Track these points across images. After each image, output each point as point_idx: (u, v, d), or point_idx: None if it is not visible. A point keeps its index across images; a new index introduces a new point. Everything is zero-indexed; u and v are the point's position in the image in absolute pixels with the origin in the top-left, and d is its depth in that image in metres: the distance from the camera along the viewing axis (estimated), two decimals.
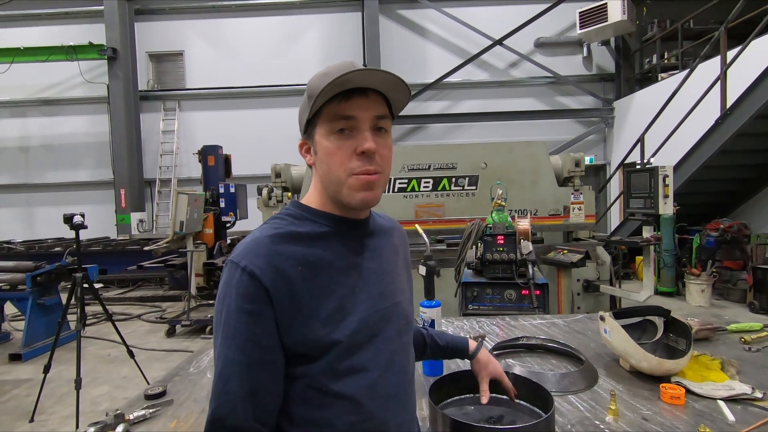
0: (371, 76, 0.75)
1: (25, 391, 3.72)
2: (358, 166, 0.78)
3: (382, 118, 0.80)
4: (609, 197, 8.74)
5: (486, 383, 1.10)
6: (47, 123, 9.92)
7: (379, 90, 0.80)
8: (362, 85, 0.77)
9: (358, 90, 0.77)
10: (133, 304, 6.88)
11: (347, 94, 0.77)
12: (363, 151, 0.77)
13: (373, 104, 0.79)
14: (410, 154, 4.88)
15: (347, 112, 0.77)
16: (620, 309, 1.68)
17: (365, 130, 0.78)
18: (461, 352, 1.15)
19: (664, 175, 3.96)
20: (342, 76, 0.72)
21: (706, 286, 5.40)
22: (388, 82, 0.78)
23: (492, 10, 9.56)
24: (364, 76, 0.75)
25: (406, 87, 0.80)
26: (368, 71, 0.74)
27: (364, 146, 0.77)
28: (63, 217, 3.15)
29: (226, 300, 0.74)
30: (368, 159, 0.78)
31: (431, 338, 1.15)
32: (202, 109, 9.88)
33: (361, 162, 0.78)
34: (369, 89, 0.78)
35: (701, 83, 5.52)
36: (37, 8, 9.58)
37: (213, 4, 9.69)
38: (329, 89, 0.74)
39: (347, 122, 0.77)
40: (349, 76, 0.73)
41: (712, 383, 1.31)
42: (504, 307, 2.57)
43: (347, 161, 0.78)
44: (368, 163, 0.78)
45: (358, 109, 0.77)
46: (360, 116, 0.77)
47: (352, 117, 0.77)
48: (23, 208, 10.02)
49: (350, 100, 0.77)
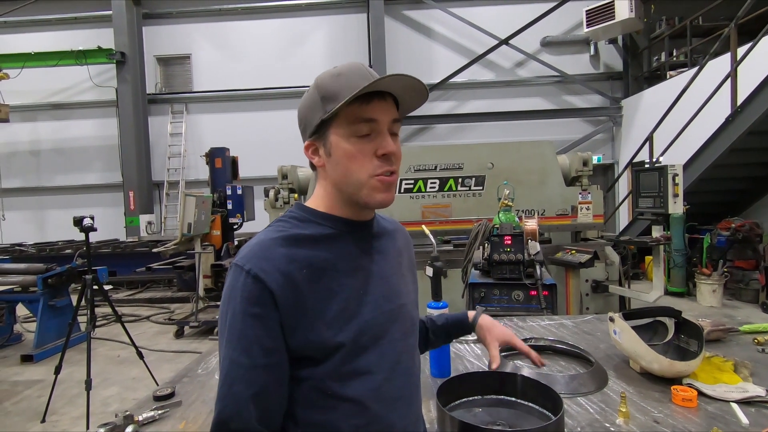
0: (396, 81, 0.76)
1: (36, 392, 3.76)
2: (379, 166, 0.79)
3: (397, 122, 0.82)
4: (617, 197, 8.66)
5: (495, 348, 1.07)
6: (57, 127, 10.06)
7: (396, 94, 0.81)
8: (385, 89, 0.78)
9: (377, 94, 0.78)
10: (143, 306, 6.94)
11: (367, 97, 0.77)
12: (384, 154, 0.78)
13: (390, 108, 0.80)
14: (416, 155, 4.87)
15: (369, 114, 0.77)
16: (630, 310, 1.66)
17: (385, 132, 0.79)
18: (462, 324, 1.15)
19: (674, 174, 3.92)
20: (375, 82, 0.73)
21: (717, 286, 5.32)
22: (410, 86, 0.79)
23: (498, 9, 9.53)
24: (392, 81, 0.76)
25: (426, 93, 0.81)
26: (397, 77, 0.75)
27: (387, 149, 0.78)
28: (73, 220, 3.19)
29: (231, 303, 0.74)
30: (389, 161, 0.79)
31: (431, 322, 1.16)
32: (210, 112, 9.95)
33: (382, 164, 0.79)
34: (387, 93, 0.79)
35: (711, 81, 5.45)
36: (47, 14, 9.71)
37: (219, 8, 9.76)
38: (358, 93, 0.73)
39: (370, 125, 0.78)
40: (381, 82, 0.74)
41: (725, 385, 1.29)
42: (512, 308, 2.56)
43: (368, 163, 0.78)
44: (389, 165, 0.79)
45: (380, 113, 0.78)
46: (381, 119, 0.78)
47: (375, 120, 0.78)
48: (35, 210, 10.16)
49: (371, 104, 0.77)
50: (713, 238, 5.81)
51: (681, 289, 5.97)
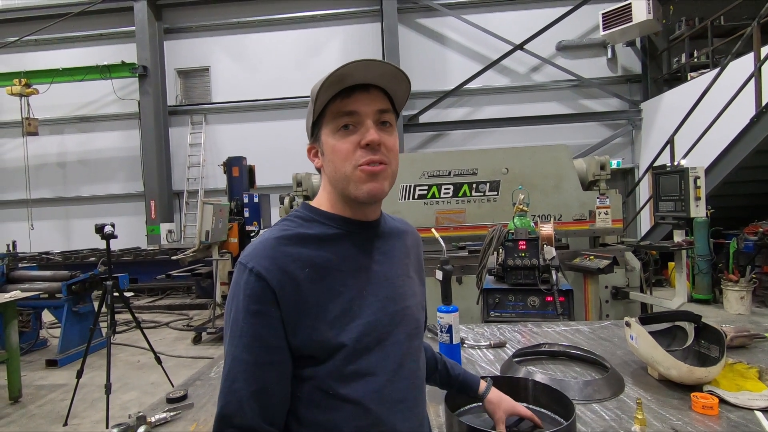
0: (369, 69, 0.76)
1: (60, 395, 3.86)
2: (363, 156, 0.78)
3: (385, 112, 0.81)
4: (638, 201, 8.45)
5: (502, 424, 1.03)
6: (83, 139, 10.42)
7: (379, 84, 0.80)
8: (361, 80, 0.78)
9: (359, 87, 0.78)
10: (162, 312, 7.07)
11: (348, 92, 0.78)
12: (367, 143, 0.77)
13: (374, 99, 0.80)
14: (430, 161, 4.87)
15: (349, 107, 0.78)
16: (647, 314, 1.61)
17: (368, 123, 0.78)
18: (470, 389, 1.09)
19: (695, 177, 3.81)
20: (339, 70, 0.73)
21: (745, 293, 5.09)
22: (387, 74, 0.78)
23: (512, 15, 9.50)
24: (362, 69, 0.75)
25: (405, 77, 0.80)
26: (364, 62, 0.74)
27: (368, 138, 0.77)
28: (95, 228, 3.29)
29: (234, 300, 0.75)
30: (372, 150, 0.78)
31: (443, 364, 1.11)
32: (228, 122, 10.16)
33: (366, 153, 0.78)
34: (370, 85, 0.79)
35: (734, 81, 5.29)
36: (74, 31, 10.11)
37: (237, 21, 10.00)
38: (328, 86, 0.75)
39: (350, 118, 0.78)
40: (346, 69, 0.74)
41: (749, 393, 1.24)
42: (527, 314, 2.51)
43: (352, 155, 0.78)
44: (373, 154, 0.78)
45: (360, 104, 0.78)
46: (362, 110, 0.78)
47: (355, 112, 0.78)
48: (61, 220, 10.51)
49: (351, 96, 0.78)
50: (740, 243, 5.60)
51: (706, 296, 5.74)
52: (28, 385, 4.06)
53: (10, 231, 9.94)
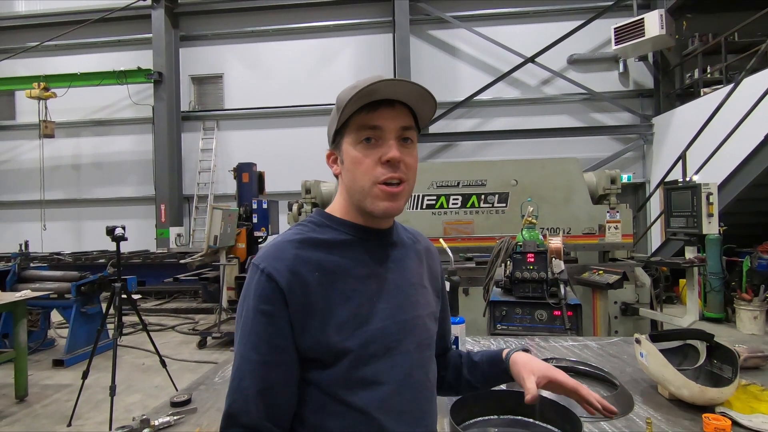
0: (397, 87, 0.77)
1: (65, 395, 3.88)
2: (383, 173, 0.79)
3: (408, 129, 0.82)
4: (649, 217, 8.36)
5: (531, 380, 0.89)
6: (98, 143, 10.60)
7: (405, 101, 0.81)
8: (388, 96, 0.79)
9: (385, 101, 0.79)
10: (168, 316, 7.10)
11: (374, 105, 0.79)
12: (388, 160, 0.78)
13: (399, 115, 0.80)
14: (439, 171, 4.87)
15: (373, 122, 0.79)
16: (658, 332, 1.58)
17: (390, 139, 0.79)
18: (495, 360, 1.01)
19: (708, 193, 3.76)
20: (369, 86, 0.74)
21: (759, 312, 5.02)
22: (414, 93, 0.79)
23: (523, 28, 9.55)
24: (391, 86, 0.76)
25: (431, 98, 0.81)
26: (395, 81, 0.75)
27: (388, 155, 0.78)
28: (105, 229, 3.33)
29: (246, 300, 0.77)
30: (393, 167, 0.79)
31: (467, 357, 1.07)
32: (239, 129, 10.29)
33: (386, 170, 0.79)
34: (395, 101, 0.80)
35: (747, 98, 5.25)
36: (92, 37, 10.36)
37: (251, 30, 10.17)
38: (356, 99, 0.76)
39: (373, 132, 0.79)
40: (376, 86, 0.75)
41: (763, 416, 1.20)
42: (534, 328, 2.48)
43: (372, 170, 0.79)
44: (393, 171, 0.79)
45: (384, 120, 0.79)
46: (386, 126, 0.79)
47: (378, 127, 0.79)
48: (74, 221, 10.66)
49: (377, 111, 0.79)
50: (753, 261, 5.50)
51: (719, 314, 5.66)
52: (34, 385, 4.09)
53: (23, 231, 10.10)
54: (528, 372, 0.93)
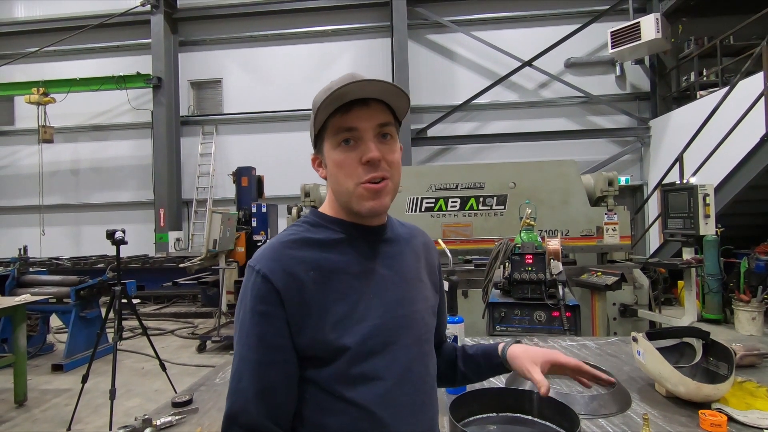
0: (368, 87, 0.77)
1: (64, 400, 3.87)
2: (365, 173, 0.79)
3: (386, 125, 0.81)
4: (647, 218, 8.40)
5: (537, 371, 0.90)
6: (96, 147, 10.61)
7: (378, 98, 0.81)
8: (360, 96, 0.79)
9: (358, 101, 0.79)
10: (168, 320, 7.09)
11: (348, 106, 0.78)
12: (368, 160, 0.79)
13: (374, 113, 0.80)
14: (437, 174, 4.89)
15: (349, 123, 0.79)
16: (655, 330, 1.60)
17: (369, 139, 0.79)
18: (490, 354, 1.03)
19: (705, 194, 3.79)
20: (338, 90, 0.75)
21: (757, 313, 5.03)
22: (386, 90, 0.79)
23: (521, 32, 9.61)
24: (361, 87, 0.76)
25: (403, 93, 0.81)
26: (363, 83, 0.75)
27: (368, 155, 0.78)
28: (106, 233, 3.33)
29: (243, 301, 0.78)
30: (374, 167, 0.79)
31: (461, 350, 1.09)
32: (238, 133, 10.31)
33: (368, 170, 0.79)
34: (370, 99, 0.80)
35: (743, 100, 5.30)
36: (92, 43, 10.39)
37: (250, 35, 10.22)
38: (328, 103, 0.77)
39: (350, 133, 0.79)
40: (346, 89, 0.75)
41: (758, 412, 1.22)
42: (533, 329, 2.50)
43: (354, 171, 0.79)
44: (374, 171, 0.79)
45: (360, 120, 0.79)
46: (362, 126, 0.79)
47: (354, 128, 0.79)
48: (72, 226, 10.65)
49: (351, 112, 0.79)
50: (751, 262, 5.53)
51: (717, 315, 5.67)
52: (33, 389, 4.08)
53: (22, 236, 10.08)
54: (530, 363, 0.93)
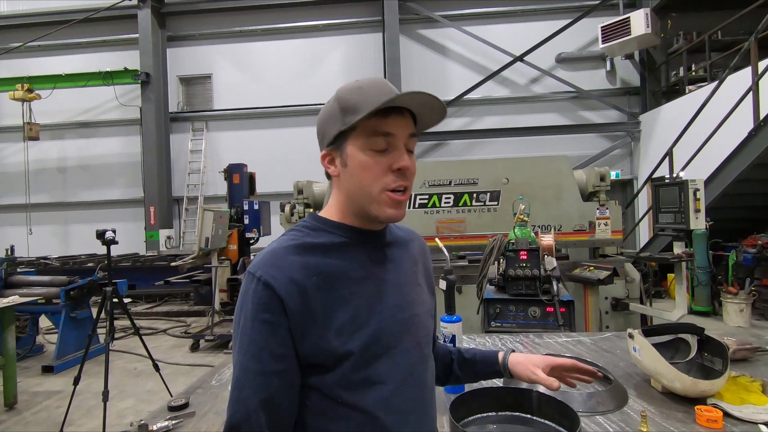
0: (415, 98, 0.77)
1: (55, 402, 3.82)
2: (393, 181, 0.79)
3: (413, 137, 0.82)
4: (637, 213, 8.49)
5: (540, 373, 0.99)
6: (84, 144, 10.44)
7: (413, 110, 0.81)
8: (404, 104, 0.79)
9: (395, 108, 0.79)
10: (160, 319, 7.03)
11: (385, 112, 0.78)
12: (399, 168, 0.79)
13: (408, 123, 0.81)
14: (431, 170, 4.88)
15: (387, 128, 0.78)
16: (651, 326, 1.61)
17: (402, 147, 0.80)
18: (490, 362, 1.07)
19: (695, 189, 3.83)
20: (395, 97, 0.75)
21: (744, 305, 5.12)
22: (426, 103, 0.79)
23: (512, 27, 9.62)
24: (411, 97, 0.76)
25: (444, 110, 0.82)
26: (416, 94, 0.76)
27: (401, 163, 0.79)
28: (96, 233, 3.28)
29: (243, 309, 0.76)
30: (403, 176, 0.80)
31: (458, 353, 1.10)
32: (229, 129, 10.21)
33: (396, 178, 0.79)
34: (404, 108, 0.80)
35: (732, 95, 5.36)
36: (78, 38, 10.20)
37: (240, 29, 10.10)
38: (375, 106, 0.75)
39: (386, 139, 0.79)
40: (403, 97, 0.75)
41: (753, 406, 1.23)
42: (528, 325, 2.51)
43: (382, 177, 0.79)
44: (403, 180, 0.80)
45: (397, 127, 0.79)
46: (398, 134, 0.79)
47: (391, 134, 0.79)
48: (60, 225, 10.49)
49: (389, 118, 0.78)
50: (739, 255, 5.62)
51: (706, 308, 5.77)
52: (23, 392, 4.02)
53: (8, 235, 9.91)
54: (533, 367, 1.02)
